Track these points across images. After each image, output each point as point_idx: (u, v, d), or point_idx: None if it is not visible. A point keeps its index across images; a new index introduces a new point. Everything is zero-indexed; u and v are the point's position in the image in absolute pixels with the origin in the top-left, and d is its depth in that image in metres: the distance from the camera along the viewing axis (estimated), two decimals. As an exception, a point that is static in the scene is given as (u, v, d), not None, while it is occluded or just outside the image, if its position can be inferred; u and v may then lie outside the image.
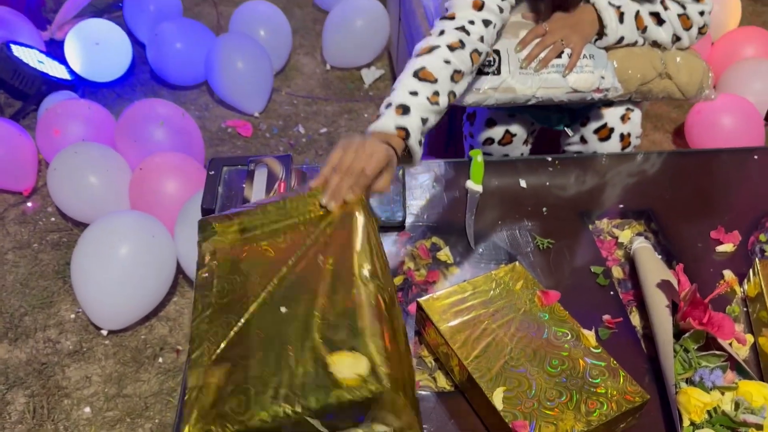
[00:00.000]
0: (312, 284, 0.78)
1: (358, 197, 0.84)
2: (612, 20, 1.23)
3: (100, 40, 2.20)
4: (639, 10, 1.25)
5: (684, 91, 1.34)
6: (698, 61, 1.33)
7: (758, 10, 2.90)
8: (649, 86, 1.30)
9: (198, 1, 2.85)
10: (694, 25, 1.29)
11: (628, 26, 1.25)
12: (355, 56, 2.46)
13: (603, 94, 1.27)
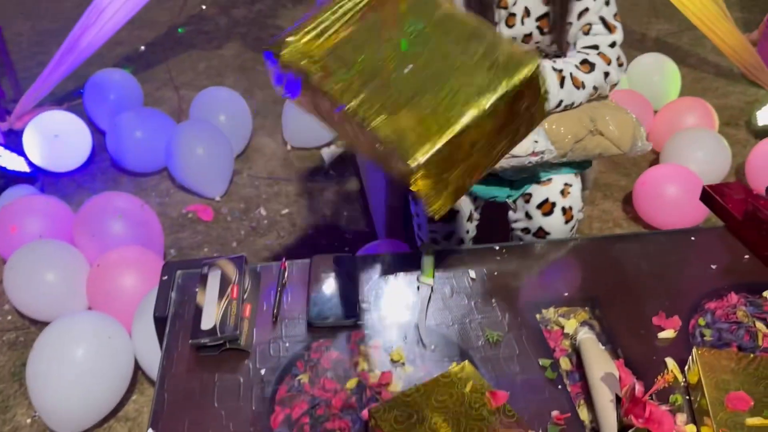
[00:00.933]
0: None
1: None
2: (554, 86, 1.30)
3: (60, 132, 2.22)
4: (572, 72, 1.32)
5: (618, 145, 1.40)
6: (627, 115, 1.40)
7: (698, 77, 3.06)
8: (583, 143, 1.36)
9: (159, 86, 2.91)
10: (613, 60, 1.40)
11: (566, 89, 1.32)
12: (315, 136, 2.52)
13: (539, 157, 1.33)
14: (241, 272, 1.12)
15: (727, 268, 1.23)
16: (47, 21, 3.52)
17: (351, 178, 2.41)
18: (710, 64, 3.15)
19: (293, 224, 2.19)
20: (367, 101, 0.88)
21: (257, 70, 3.09)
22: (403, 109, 0.87)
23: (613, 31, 1.47)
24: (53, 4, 3.71)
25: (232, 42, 3.34)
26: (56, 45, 3.19)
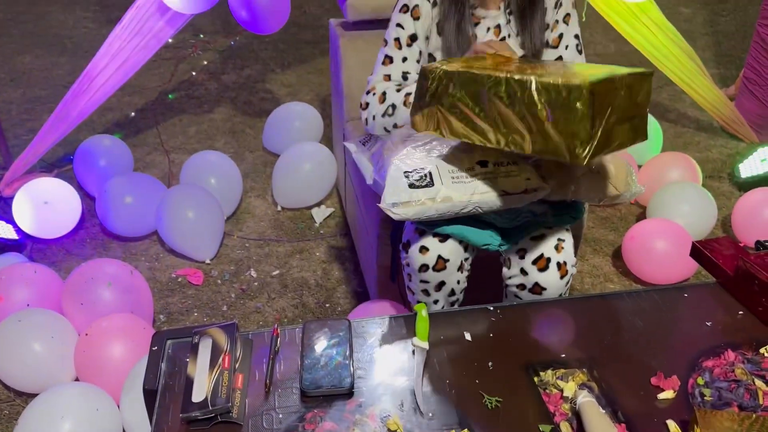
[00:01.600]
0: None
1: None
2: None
3: (49, 199, 2.22)
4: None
5: (615, 184, 1.41)
6: (617, 157, 1.43)
7: (679, 131, 3.13)
8: (579, 182, 1.38)
9: (149, 151, 2.93)
10: None
11: None
12: (304, 197, 2.54)
13: (533, 195, 1.34)
14: (232, 340, 1.11)
15: (721, 325, 1.23)
16: (38, 88, 3.56)
17: (342, 238, 2.41)
18: (690, 118, 3.23)
19: (284, 285, 2.17)
20: (519, 72, 1.17)
21: (247, 133, 3.13)
22: (557, 74, 1.14)
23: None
24: (44, 72, 3.77)
25: (222, 106, 3.39)
26: (47, 112, 3.24)
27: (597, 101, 1.10)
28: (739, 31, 4.32)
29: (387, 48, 1.60)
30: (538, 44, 1.55)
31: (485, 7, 1.57)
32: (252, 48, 4.10)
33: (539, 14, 1.54)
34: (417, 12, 1.56)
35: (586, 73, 1.13)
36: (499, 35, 1.57)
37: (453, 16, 1.53)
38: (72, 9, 4.84)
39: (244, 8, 2.37)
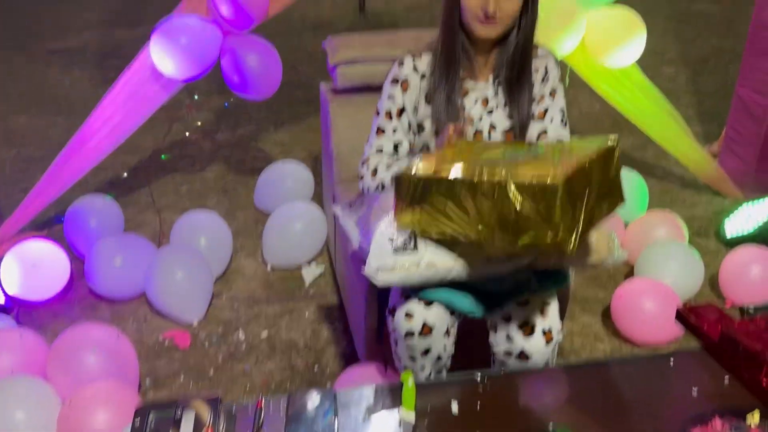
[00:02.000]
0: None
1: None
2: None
3: (38, 261, 2.22)
4: None
5: (597, 251, 1.42)
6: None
7: (665, 188, 3.18)
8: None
9: (141, 210, 2.94)
10: None
11: None
12: (295, 256, 2.54)
13: (516, 261, 1.35)
14: (215, 414, 1.10)
15: (708, 392, 1.23)
16: (32, 148, 3.59)
17: (331, 297, 2.40)
18: (675, 175, 3.28)
19: (272, 348, 2.15)
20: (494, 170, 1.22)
21: (238, 192, 3.15)
22: (527, 166, 1.20)
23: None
24: (39, 132, 3.81)
25: (214, 165, 3.43)
26: (40, 172, 3.25)
27: (573, 193, 1.15)
28: (721, 89, 4.43)
29: (379, 119, 1.65)
30: (525, 117, 1.59)
31: (474, 79, 1.62)
32: (246, 107, 4.16)
33: (527, 88, 1.59)
34: (406, 85, 1.62)
35: (558, 166, 1.18)
36: (487, 106, 1.61)
37: (443, 87, 1.58)
38: (70, 69, 4.93)
39: (236, 74, 2.43)
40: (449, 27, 1.54)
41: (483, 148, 1.36)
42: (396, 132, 1.64)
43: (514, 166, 1.21)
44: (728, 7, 6.74)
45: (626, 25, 2.51)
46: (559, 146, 1.32)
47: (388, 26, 6.04)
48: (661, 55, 5.20)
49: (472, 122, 1.62)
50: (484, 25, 1.48)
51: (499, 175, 1.18)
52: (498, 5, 1.45)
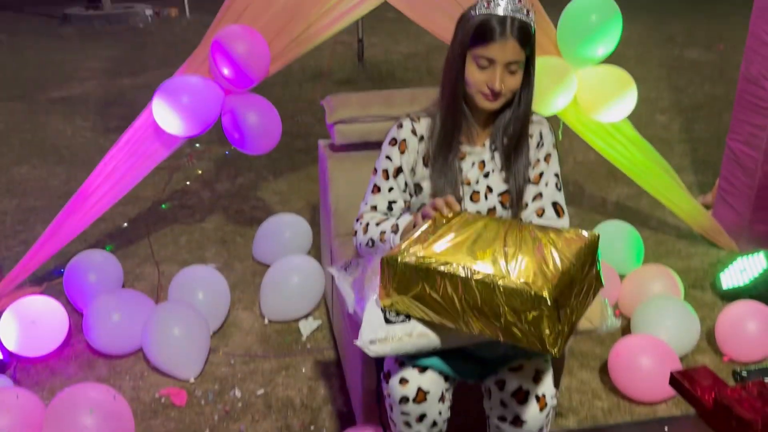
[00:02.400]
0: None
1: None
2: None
3: (37, 318, 2.23)
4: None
5: (590, 319, 1.44)
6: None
7: (660, 239, 3.20)
8: None
9: (140, 262, 2.96)
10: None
11: None
12: (292, 309, 2.55)
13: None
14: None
15: (702, 462, 1.23)
16: (33, 199, 3.63)
17: (329, 352, 2.40)
18: (670, 226, 3.31)
19: (268, 406, 2.15)
20: (484, 272, 1.23)
21: (237, 243, 3.18)
22: (516, 272, 1.21)
23: (561, 215, 1.63)
24: (40, 182, 3.86)
25: (214, 215, 3.46)
26: (41, 223, 3.30)
27: (560, 300, 1.17)
28: (714, 137, 4.49)
29: (376, 177, 1.70)
30: (522, 182, 1.63)
31: (471, 144, 1.66)
32: (246, 157, 4.21)
33: (524, 153, 1.63)
34: (404, 146, 1.66)
35: (546, 268, 1.21)
36: (484, 169, 1.65)
37: (443, 151, 1.62)
38: (71, 118, 5.01)
39: (237, 131, 2.48)
40: (453, 97, 1.57)
41: (474, 231, 1.36)
42: (392, 191, 1.68)
43: (505, 259, 1.24)
44: (720, 55, 6.89)
45: (616, 83, 2.57)
46: (546, 237, 1.32)
47: (386, 75, 6.16)
48: (655, 103, 5.30)
49: (469, 184, 1.65)
50: (488, 99, 1.53)
51: (486, 273, 1.21)
52: (503, 82, 1.49)
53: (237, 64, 2.30)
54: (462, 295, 1.23)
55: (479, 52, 1.47)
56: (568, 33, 2.52)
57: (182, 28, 8.79)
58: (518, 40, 1.45)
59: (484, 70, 1.49)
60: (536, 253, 1.25)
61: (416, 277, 1.28)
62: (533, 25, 1.49)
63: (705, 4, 10.14)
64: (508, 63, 1.47)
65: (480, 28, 1.46)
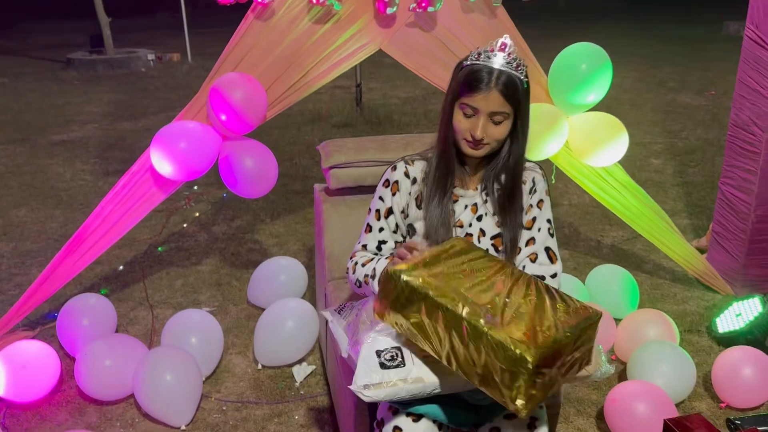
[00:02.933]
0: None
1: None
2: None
3: (29, 362, 2.21)
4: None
5: (584, 366, 1.43)
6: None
7: (656, 283, 3.20)
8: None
9: (134, 306, 2.95)
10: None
11: None
12: (286, 355, 2.53)
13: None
14: None
15: None
16: (30, 242, 3.64)
17: (322, 399, 2.38)
18: (665, 269, 3.31)
19: (261, 457, 2.11)
20: (479, 315, 1.23)
21: (233, 286, 3.17)
22: (511, 326, 1.20)
23: (554, 261, 1.64)
24: (38, 225, 3.88)
25: (210, 258, 3.47)
26: (37, 266, 3.30)
27: (542, 366, 1.17)
28: (708, 181, 4.54)
29: (369, 217, 1.74)
30: (516, 229, 1.64)
31: (464, 187, 1.68)
32: (243, 199, 4.25)
33: (517, 202, 1.64)
34: (396, 188, 1.69)
35: (538, 331, 1.20)
36: (476, 213, 1.67)
37: (437, 193, 1.65)
38: (72, 162, 5.06)
39: (233, 176, 2.51)
40: (445, 142, 1.62)
41: (485, 273, 1.36)
42: (382, 231, 1.71)
43: (500, 308, 1.24)
44: (712, 100, 7.01)
45: (607, 128, 2.61)
46: (552, 301, 1.30)
47: (384, 119, 6.25)
48: (649, 146, 5.36)
49: (462, 226, 1.67)
50: (471, 147, 1.56)
51: (480, 317, 1.21)
52: (485, 131, 1.53)
53: (234, 110, 2.34)
54: (451, 331, 1.24)
55: (465, 100, 1.52)
56: (559, 80, 2.58)
57: (184, 73, 8.95)
58: (502, 93, 1.49)
59: (469, 118, 1.54)
60: (536, 312, 1.25)
61: (414, 299, 1.30)
62: (523, 80, 1.52)
63: (696, 51, 10.37)
64: (492, 113, 1.51)
65: (468, 78, 1.51)
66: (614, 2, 17.25)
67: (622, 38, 11.19)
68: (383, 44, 2.52)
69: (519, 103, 1.52)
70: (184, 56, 9.94)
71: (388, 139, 2.44)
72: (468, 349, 1.22)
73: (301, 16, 2.43)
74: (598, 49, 2.55)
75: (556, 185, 4.35)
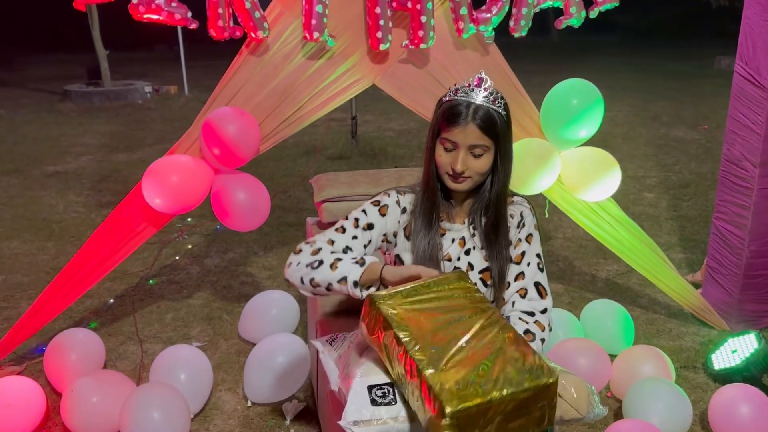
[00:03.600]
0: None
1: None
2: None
3: (14, 401, 2.17)
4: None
5: (577, 408, 1.41)
6: (580, 380, 1.45)
7: (651, 318, 3.18)
8: None
9: (123, 341, 2.91)
10: (546, 327, 1.60)
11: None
12: (276, 392, 2.49)
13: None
14: None
15: None
16: (20, 274, 3.61)
17: (313, 437, 2.33)
18: (661, 304, 3.29)
19: (249, 497, 2.06)
20: (426, 354, 1.23)
21: (224, 320, 3.14)
22: (451, 370, 1.20)
23: (544, 296, 1.63)
24: (29, 257, 3.85)
25: (201, 291, 3.43)
26: (26, 299, 3.27)
27: (463, 424, 1.16)
28: (701, 215, 4.55)
29: (345, 221, 1.66)
30: (503, 263, 1.64)
31: (451, 221, 1.68)
32: (236, 231, 4.23)
33: (502, 235, 1.64)
34: (384, 210, 1.68)
35: (477, 384, 1.18)
36: (464, 246, 1.66)
37: (422, 224, 1.64)
38: (65, 193, 5.05)
39: (225, 209, 2.50)
40: (429, 176, 1.64)
41: (458, 312, 1.34)
42: (355, 239, 1.62)
43: (453, 353, 1.24)
44: (705, 135, 7.07)
45: (600, 163, 2.62)
46: (510, 353, 1.26)
47: (379, 151, 6.28)
48: (642, 180, 5.38)
49: (450, 259, 1.66)
50: (453, 181, 1.58)
51: (425, 357, 1.22)
52: (466, 164, 1.55)
53: (226, 144, 2.35)
54: (404, 363, 1.26)
55: (445, 135, 1.55)
56: (551, 116, 2.59)
57: (180, 106, 9.01)
58: (479, 126, 1.51)
59: (449, 152, 1.56)
60: (487, 363, 1.22)
61: (383, 325, 1.32)
62: (502, 114, 1.54)
63: (689, 86, 10.50)
64: (472, 146, 1.53)
65: (446, 113, 1.54)
66: (607, 37, 17.53)
67: (615, 73, 11.34)
68: (376, 79, 2.54)
69: (497, 136, 1.54)
70: (181, 89, 10.02)
71: (380, 173, 2.44)
72: (413, 383, 1.24)
73: (296, 51, 2.45)
74: (589, 85, 2.57)
75: (549, 218, 4.35)
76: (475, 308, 1.35)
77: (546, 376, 1.22)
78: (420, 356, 1.23)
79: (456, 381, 1.17)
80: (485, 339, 1.28)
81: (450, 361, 1.21)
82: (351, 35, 2.46)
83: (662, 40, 17.24)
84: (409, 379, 1.25)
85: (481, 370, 1.20)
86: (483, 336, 1.29)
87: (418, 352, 1.23)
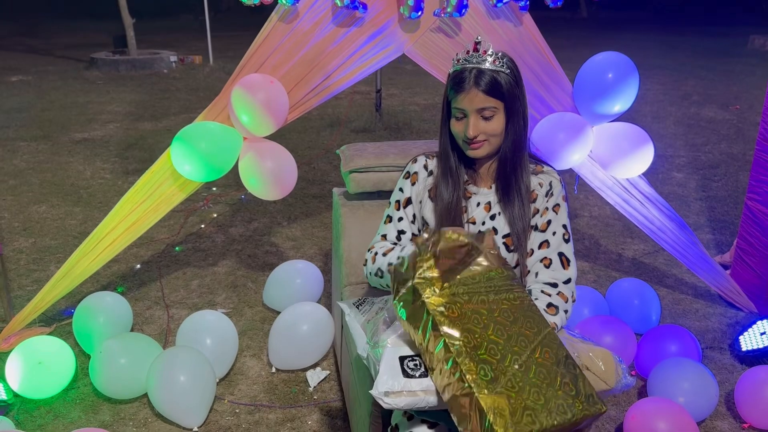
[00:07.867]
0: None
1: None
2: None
3: (44, 358, 2.21)
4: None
5: (605, 379, 1.40)
6: (607, 352, 1.44)
7: (677, 298, 3.14)
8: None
9: (150, 305, 2.95)
10: (569, 298, 1.57)
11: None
12: (300, 359, 2.51)
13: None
14: None
15: None
16: (49, 238, 3.66)
17: (335, 404, 2.35)
18: (688, 284, 3.25)
19: (273, 461, 2.09)
20: (480, 371, 1.20)
21: (248, 288, 3.16)
22: (504, 395, 1.17)
23: (567, 267, 1.61)
24: (57, 221, 3.90)
25: (226, 259, 3.46)
26: (54, 263, 3.32)
27: None
28: (731, 196, 4.46)
29: (389, 208, 1.75)
30: (521, 226, 1.63)
31: (477, 185, 1.67)
32: (261, 201, 4.25)
33: (518, 197, 1.63)
34: (414, 178, 1.72)
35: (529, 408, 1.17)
36: (490, 211, 1.65)
37: (447, 187, 1.64)
38: (92, 160, 5.10)
39: (253, 177, 2.49)
40: (443, 148, 1.67)
41: (511, 317, 1.32)
42: (401, 221, 1.71)
43: (503, 374, 1.21)
44: (736, 115, 6.90)
45: (633, 139, 2.57)
46: (561, 370, 1.26)
47: (403, 125, 6.23)
48: (672, 160, 5.29)
49: (474, 223, 1.65)
50: (470, 147, 1.58)
51: (474, 377, 1.19)
52: (478, 129, 1.54)
53: (256, 111, 2.33)
54: (442, 362, 1.24)
55: (454, 104, 1.56)
56: (585, 89, 2.54)
57: (205, 75, 9.02)
58: (482, 89, 1.51)
59: (460, 120, 1.57)
60: (537, 384, 1.21)
61: (420, 313, 1.29)
62: (505, 72, 1.52)
63: (721, 65, 10.25)
64: (480, 110, 1.53)
65: (450, 84, 1.56)
66: (638, 13, 17.13)
67: (645, 50, 11.10)
68: (406, 49, 2.51)
69: (504, 95, 1.52)
70: (206, 59, 10.02)
71: (408, 144, 2.42)
72: (452, 386, 1.23)
73: (326, 19, 2.42)
74: (624, 58, 2.51)
75: (576, 196, 4.30)
76: (526, 319, 1.33)
77: (599, 404, 1.23)
78: (464, 372, 1.20)
79: (509, 405, 1.16)
80: (538, 361, 1.26)
81: (498, 382, 1.19)
82: (382, 2, 2.42)
83: (695, 17, 16.80)
84: (446, 380, 1.24)
85: (534, 393, 1.19)
86: (536, 356, 1.26)
87: (465, 365, 1.21)
